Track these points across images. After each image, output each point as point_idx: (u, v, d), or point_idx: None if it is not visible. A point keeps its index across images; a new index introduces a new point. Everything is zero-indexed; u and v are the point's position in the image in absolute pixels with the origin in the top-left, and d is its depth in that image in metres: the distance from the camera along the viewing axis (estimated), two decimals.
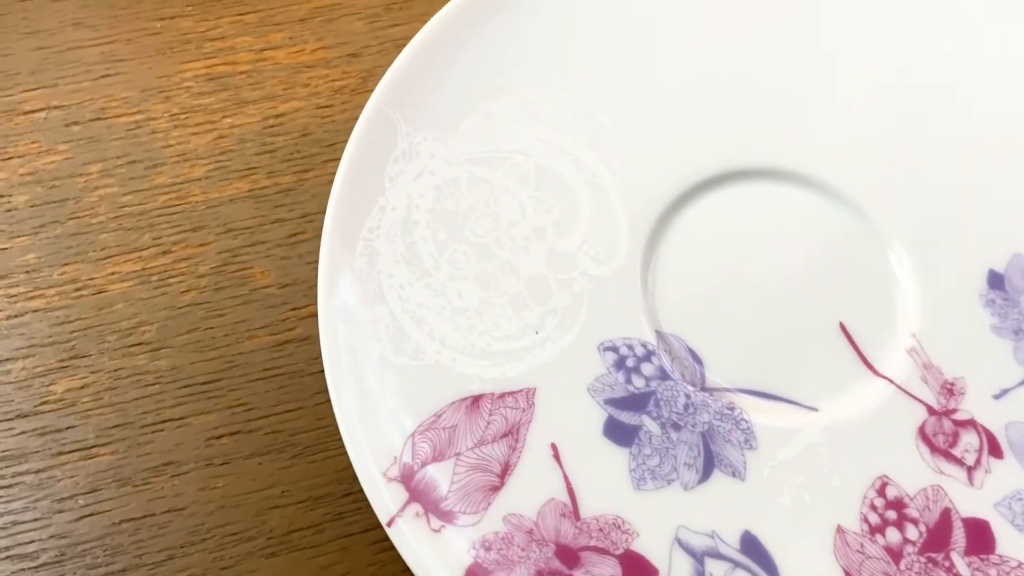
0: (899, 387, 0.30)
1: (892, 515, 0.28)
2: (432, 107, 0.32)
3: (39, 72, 0.36)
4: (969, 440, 0.29)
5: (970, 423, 0.29)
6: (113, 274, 0.33)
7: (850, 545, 0.27)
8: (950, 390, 0.30)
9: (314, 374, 0.32)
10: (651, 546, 0.27)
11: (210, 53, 0.37)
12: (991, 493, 0.28)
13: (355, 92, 0.36)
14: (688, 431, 0.29)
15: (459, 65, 0.33)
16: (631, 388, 0.30)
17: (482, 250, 0.31)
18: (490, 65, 0.33)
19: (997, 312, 0.31)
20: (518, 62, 0.33)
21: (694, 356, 0.31)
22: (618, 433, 0.29)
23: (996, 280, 0.31)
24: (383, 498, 0.27)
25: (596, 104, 0.33)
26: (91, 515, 0.30)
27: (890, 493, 0.28)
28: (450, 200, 0.31)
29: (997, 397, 0.30)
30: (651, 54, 0.34)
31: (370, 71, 0.37)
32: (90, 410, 0.31)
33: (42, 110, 0.36)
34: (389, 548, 0.29)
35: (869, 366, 0.30)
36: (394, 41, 0.37)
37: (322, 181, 0.35)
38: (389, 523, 0.27)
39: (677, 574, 0.27)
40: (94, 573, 0.29)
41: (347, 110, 0.36)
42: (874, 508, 0.28)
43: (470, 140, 0.32)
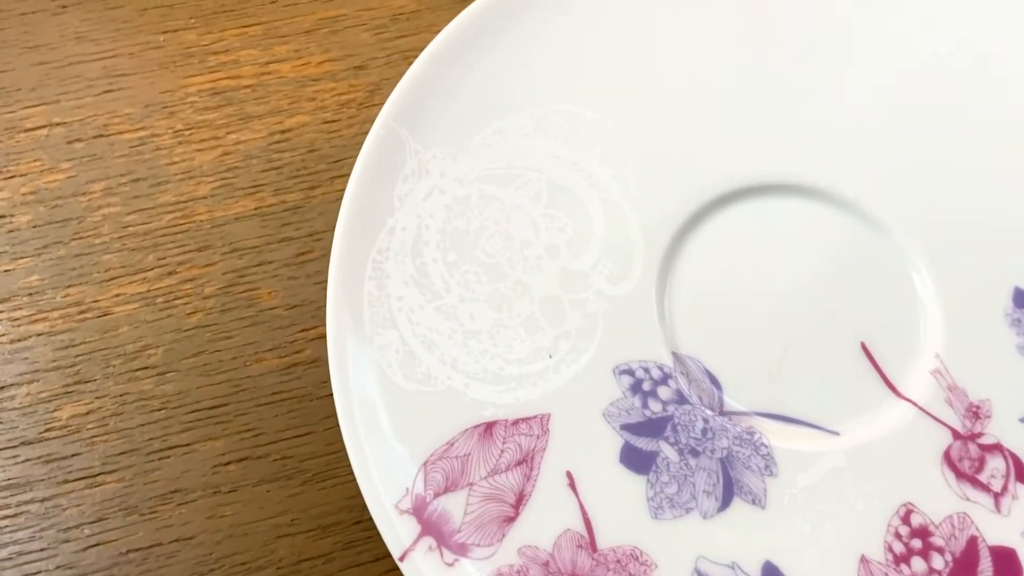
0: (923, 410, 0.29)
1: (917, 544, 0.27)
2: (442, 123, 0.31)
3: (41, 88, 0.35)
4: (995, 465, 0.28)
5: (996, 447, 0.29)
6: (118, 296, 0.32)
7: None
8: (975, 413, 0.29)
9: (323, 398, 0.31)
10: None
11: (214, 67, 0.36)
12: (1019, 520, 0.28)
13: (362, 106, 0.35)
14: (707, 457, 0.28)
15: (469, 80, 0.32)
16: (648, 413, 0.29)
17: (494, 270, 0.30)
18: (501, 80, 0.32)
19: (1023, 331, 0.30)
20: (529, 76, 0.32)
21: (712, 378, 0.30)
22: (635, 460, 0.28)
23: (1022, 298, 0.30)
24: (395, 531, 0.26)
25: (609, 118, 0.32)
26: (97, 545, 0.29)
27: (915, 521, 0.28)
28: (461, 219, 0.31)
29: None
30: (665, 67, 0.33)
31: (377, 84, 0.36)
32: (95, 436, 0.31)
33: (44, 127, 0.35)
34: None
35: (892, 388, 0.30)
36: (401, 53, 0.36)
37: (330, 198, 0.34)
38: (402, 558, 0.26)
39: None
40: None
41: (354, 124, 0.35)
42: (899, 536, 0.27)
43: (481, 157, 0.31)
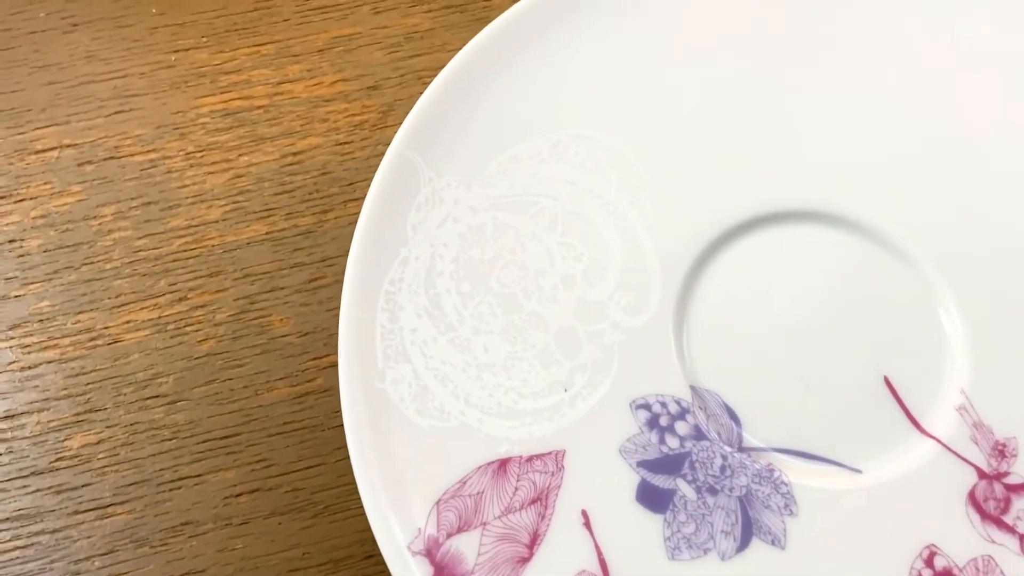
0: (947, 447, 0.28)
1: None
2: (456, 150, 0.31)
3: (51, 108, 0.35)
4: (1022, 506, 0.28)
5: (1023, 488, 0.28)
6: (128, 323, 0.32)
7: None
8: (1001, 451, 0.28)
9: (335, 428, 0.31)
10: None
11: (226, 87, 0.36)
12: None
13: (375, 127, 0.35)
14: (725, 495, 0.28)
15: (484, 105, 0.31)
16: (665, 449, 0.28)
17: (508, 301, 0.30)
18: (516, 105, 0.31)
19: None
20: (545, 101, 0.32)
21: (731, 413, 0.29)
22: (652, 498, 0.28)
23: None
24: (408, 574, 0.26)
25: (627, 143, 0.31)
26: None
27: (938, 564, 0.27)
28: (475, 248, 0.30)
29: None
30: (684, 92, 0.32)
31: (390, 105, 0.35)
32: (106, 467, 0.30)
33: (54, 149, 0.35)
34: None
35: (916, 424, 0.29)
36: (415, 73, 0.36)
37: (342, 223, 0.33)
38: None
39: None
40: None
41: (367, 146, 0.35)
42: None
43: (495, 184, 0.31)
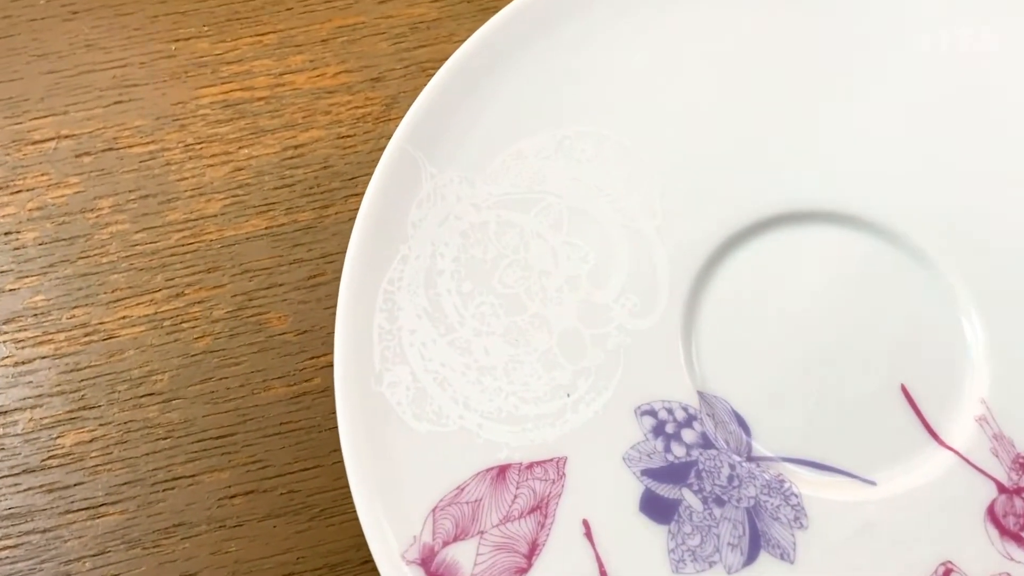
0: (965, 460, 0.27)
1: None
2: (459, 145, 0.30)
3: (49, 98, 0.34)
4: None
5: None
6: (124, 318, 0.31)
7: None
8: (1023, 465, 0.27)
9: (331, 429, 0.30)
10: None
11: (227, 77, 0.35)
12: None
13: (378, 120, 0.34)
14: (732, 507, 0.27)
15: (489, 99, 0.30)
16: (670, 457, 0.27)
17: (511, 302, 0.29)
18: (522, 99, 0.30)
19: None
20: (552, 95, 0.31)
21: (740, 421, 0.28)
22: (656, 508, 0.27)
23: None
24: None
25: (636, 140, 0.30)
26: None
27: None
28: (477, 247, 0.29)
29: None
30: (696, 88, 0.31)
31: (394, 97, 0.34)
32: (99, 465, 0.30)
33: (52, 139, 0.34)
34: None
35: (933, 435, 0.28)
36: (419, 64, 0.35)
37: (343, 218, 0.33)
38: None
39: None
40: None
41: (370, 140, 0.34)
42: None
43: (499, 181, 0.30)
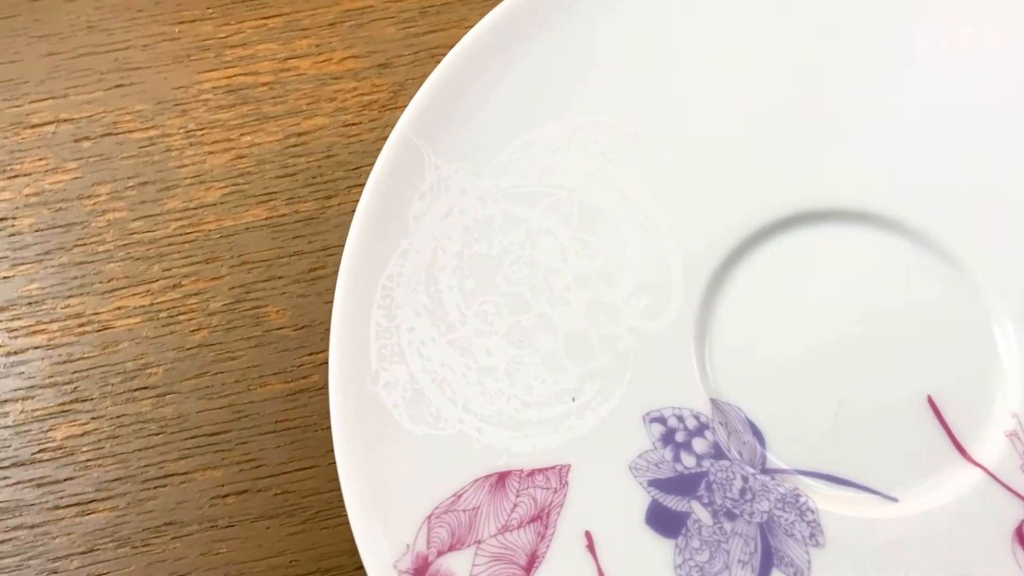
0: (994, 477, 0.26)
1: None
2: (465, 135, 0.29)
3: (49, 80, 0.34)
4: None
5: None
6: (119, 309, 0.31)
7: None
8: None
9: (328, 428, 0.28)
10: None
11: (231, 62, 0.34)
12: None
13: (384, 108, 0.33)
14: (744, 521, 0.25)
15: (498, 87, 0.29)
16: (680, 467, 0.26)
17: (515, 300, 0.28)
18: (533, 87, 0.29)
19: None
20: (565, 83, 0.29)
21: (754, 431, 0.27)
22: (663, 521, 0.25)
23: None
24: None
25: (653, 132, 0.29)
26: None
27: None
28: (481, 243, 0.28)
29: None
30: (718, 78, 0.29)
31: (401, 84, 0.33)
32: (90, 460, 0.29)
33: (51, 123, 0.33)
34: None
35: (961, 450, 0.26)
36: (428, 50, 0.33)
37: (346, 210, 0.31)
38: None
39: None
40: None
41: (375, 129, 0.32)
42: None
43: (507, 173, 0.29)
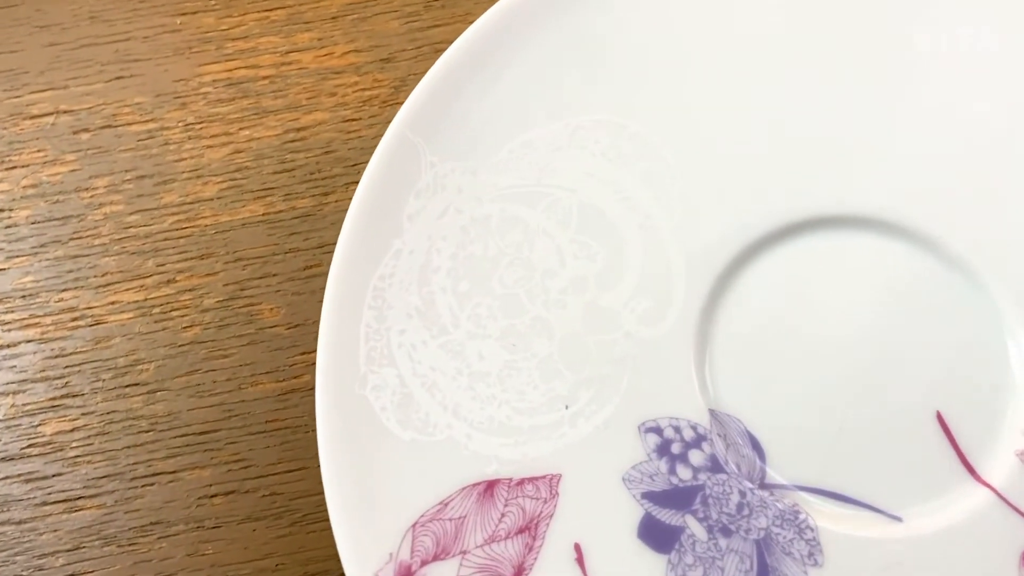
0: (1003, 498, 0.25)
1: None
2: (463, 133, 0.28)
3: (50, 71, 0.33)
4: None
5: None
6: (113, 304, 0.30)
7: None
8: None
9: None
10: None
11: (232, 55, 0.33)
12: None
13: (385, 104, 0.32)
14: (740, 538, 0.25)
15: (498, 83, 0.28)
16: (675, 480, 0.25)
17: (510, 303, 0.27)
18: (534, 84, 0.28)
19: None
20: (567, 81, 0.28)
21: (754, 444, 0.26)
22: (656, 535, 0.25)
23: None
24: None
25: (656, 132, 0.28)
26: (72, 575, 0.28)
27: None
28: (477, 244, 0.27)
29: None
30: (725, 78, 0.28)
31: (403, 79, 0.32)
32: (79, 456, 0.29)
33: (50, 115, 0.33)
34: None
35: (970, 469, 0.25)
36: (432, 45, 0.33)
37: (343, 206, 0.31)
38: None
39: None
40: None
41: (375, 125, 0.32)
42: None
43: (505, 172, 0.28)
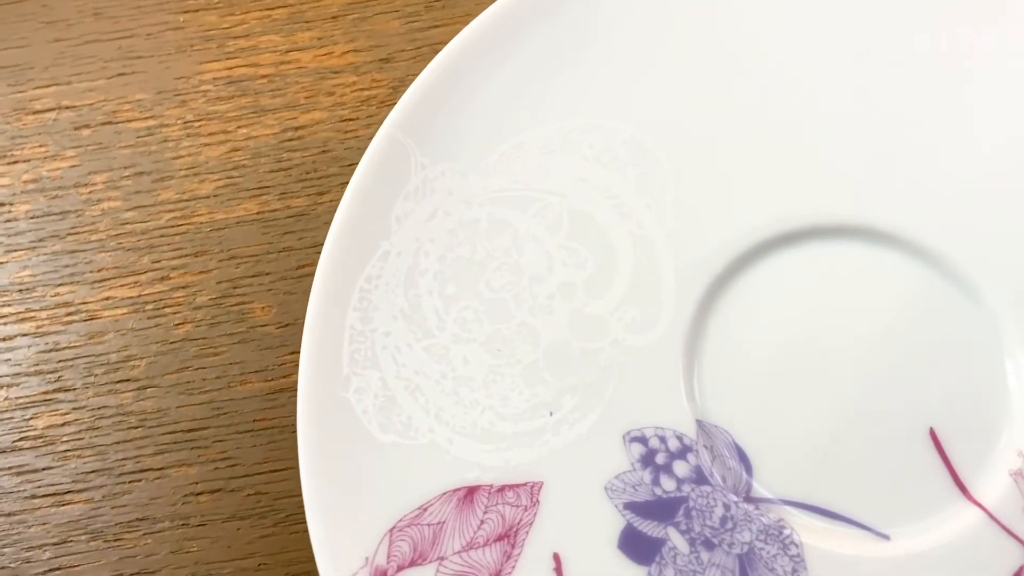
0: (994, 519, 0.24)
1: None
2: (455, 135, 0.28)
3: (54, 67, 0.33)
4: None
5: None
6: (107, 299, 0.30)
7: None
8: None
9: None
10: None
11: (232, 53, 0.33)
12: None
13: (383, 104, 0.32)
14: (723, 552, 0.24)
15: (490, 85, 0.28)
16: (658, 491, 0.25)
17: (497, 308, 0.27)
18: (527, 86, 0.28)
19: None
20: (561, 83, 0.28)
21: (741, 456, 0.25)
22: (637, 547, 0.24)
23: None
24: None
25: (650, 137, 0.28)
26: (58, 569, 0.28)
27: None
28: (465, 247, 0.27)
29: None
30: (721, 82, 0.28)
31: (402, 80, 0.32)
32: (69, 451, 0.29)
33: (53, 110, 0.33)
34: None
35: (961, 488, 0.25)
36: (432, 45, 0.33)
37: (337, 207, 0.31)
38: None
39: None
40: None
41: (372, 125, 0.32)
42: None
43: (496, 175, 0.28)
